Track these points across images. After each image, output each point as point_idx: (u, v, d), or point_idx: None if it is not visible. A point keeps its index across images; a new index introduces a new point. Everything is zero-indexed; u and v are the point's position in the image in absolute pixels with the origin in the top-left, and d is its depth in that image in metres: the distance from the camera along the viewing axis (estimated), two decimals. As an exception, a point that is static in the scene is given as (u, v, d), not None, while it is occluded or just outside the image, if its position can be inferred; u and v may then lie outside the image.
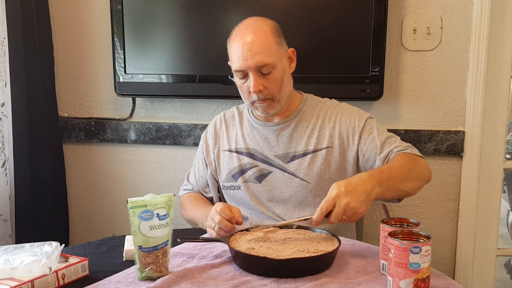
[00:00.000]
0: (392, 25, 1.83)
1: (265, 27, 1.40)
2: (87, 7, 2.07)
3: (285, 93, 1.45)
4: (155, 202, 1.05)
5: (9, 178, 1.87)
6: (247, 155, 1.52)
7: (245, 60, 1.37)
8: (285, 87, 1.44)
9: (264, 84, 1.39)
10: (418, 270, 0.92)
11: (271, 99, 1.42)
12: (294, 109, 1.52)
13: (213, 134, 1.61)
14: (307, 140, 1.48)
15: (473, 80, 1.80)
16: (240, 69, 1.39)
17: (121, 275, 1.08)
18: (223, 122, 1.62)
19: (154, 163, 2.13)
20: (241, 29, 1.42)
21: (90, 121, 2.13)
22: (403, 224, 1.09)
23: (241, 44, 1.38)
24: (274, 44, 1.39)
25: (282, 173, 1.48)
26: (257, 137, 1.53)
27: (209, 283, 1.03)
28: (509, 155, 2.03)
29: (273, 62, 1.38)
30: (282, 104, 1.46)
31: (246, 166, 1.52)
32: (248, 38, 1.38)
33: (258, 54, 1.36)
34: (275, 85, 1.41)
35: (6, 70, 1.84)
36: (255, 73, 1.38)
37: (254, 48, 1.36)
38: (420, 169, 1.39)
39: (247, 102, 1.48)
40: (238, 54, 1.38)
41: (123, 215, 2.15)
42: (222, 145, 1.58)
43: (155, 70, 1.96)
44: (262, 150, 1.51)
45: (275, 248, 1.12)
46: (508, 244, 3.17)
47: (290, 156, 1.48)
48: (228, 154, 1.56)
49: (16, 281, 0.99)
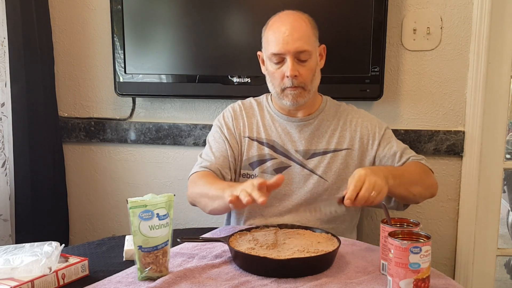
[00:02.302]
0: (392, 25, 1.83)
1: (304, 18, 1.46)
2: (87, 7, 2.07)
3: (315, 86, 1.49)
4: (155, 202, 1.05)
5: (9, 178, 1.87)
6: (268, 146, 1.53)
7: (285, 44, 1.40)
8: (316, 79, 1.49)
9: (299, 71, 1.42)
10: (418, 270, 0.92)
11: (302, 88, 1.45)
12: (317, 108, 1.56)
13: (233, 119, 1.58)
14: (329, 139, 1.52)
15: (473, 80, 1.80)
16: (278, 52, 1.42)
17: (121, 275, 1.08)
18: (242, 109, 1.60)
19: (154, 163, 2.13)
20: (281, 17, 1.46)
21: (90, 121, 2.13)
22: (403, 224, 1.09)
23: (282, 29, 1.42)
24: (312, 35, 1.45)
25: (301, 169, 1.51)
26: (279, 130, 1.54)
27: (209, 283, 1.03)
28: (509, 155, 2.03)
29: (310, 50, 1.43)
30: (310, 96, 1.48)
31: (266, 156, 1.52)
32: (289, 24, 1.42)
33: (299, 39, 1.40)
34: (309, 74, 1.44)
35: (6, 70, 1.83)
36: (293, 58, 1.41)
37: (296, 33, 1.40)
38: (430, 181, 1.49)
39: (276, 89, 1.47)
40: (278, 37, 1.41)
41: (123, 215, 2.15)
42: (243, 131, 1.56)
43: (155, 70, 1.96)
44: (283, 143, 1.53)
45: (275, 248, 1.12)
46: (508, 244, 3.17)
47: (310, 153, 1.51)
48: (249, 141, 1.55)
49: (16, 281, 0.99)
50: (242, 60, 1.87)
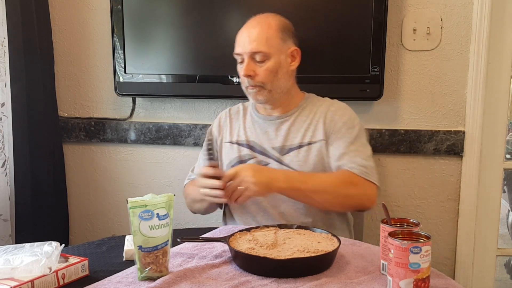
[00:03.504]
0: (392, 25, 1.83)
1: (271, 21, 1.50)
2: (87, 7, 2.08)
3: (279, 87, 1.51)
4: (155, 202, 1.05)
5: (9, 178, 1.87)
6: (247, 147, 1.57)
7: (243, 45, 1.48)
8: (279, 80, 1.50)
9: (255, 71, 1.47)
10: (418, 270, 0.92)
11: (261, 87, 1.49)
12: (295, 106, 1.58)
13: (218, 127, 1.67)
14: (304, 133, 1.53)
15: (473, 80, 1.80)
16: (238, 52, 1.51)
17: (121, 275, 1.08)
18: (227, 116, 1.67)
19: (154, 163, 2.13)
20: (250, 20, 1.53)
21: (90, 121, 2.13)
22: (403, 224, 1.09)
23: (245, 30, 1.51)
24: (274, 37, 1.48)
25: (278, 165, 1.52)
26: (257, 130, 1.58)
27: (209, 283, 1.03)
28: (509, 155, 2.03)
29: (267, 52, 1.46)
30: (274, 95, 1.51)
31: (245, 157, 1.56)
32: (251, 26, 1.50)
33: (254, 41, 1.46)
34: (267, 75, 1.47)
35: (6, 70, 1.84)
36: (249, 58, 1.47)
37: (253, 35, 1.47)
38: (350, 192, 1.41)
39: (243, 88, 1.55)
40: (239, 39, 1.51)
41: (123, 215, 2.15)
42: (224, 137, 1.64)
43: (155, 70, 1.96)
44: (261, 142, 1.56)
45: (275, 248, 1.12)
46: (508, 244, 3.17)
47: (286, 149, 1.53)
48: (229, 145, 1.61)
49: (16, 281, 0.98)
50: (242, 60, 1.87)
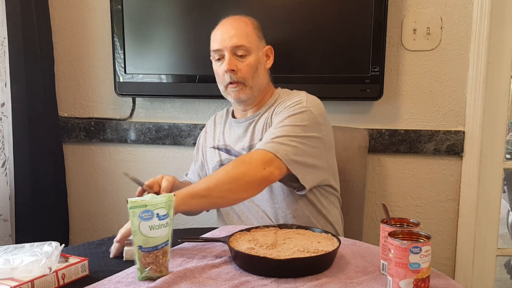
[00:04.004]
0: (392, 25, 1.83)
1: (246, 20, 1.53)
2: (87, 7, 2.08)
3: (258, 84, 1.52)
4: (155, 202, 1.05)
5: (9, 178, 1.87)
6: (225, 151, 1.60)
7: (223, 40, 1.48)
8: (259, 77, 1.51)
9: (237, 66, 1.47)
10: (418, 270, 0.92)
11: (243, 84, 1.49)
12: (264, 104, 1.57)
13: (204, 133, 1.71)
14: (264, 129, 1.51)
15: (473, 80, 1.80)
16: (217, 48, 1.49)
17: (121, 275, 1.08)
18: (213, 121, 1.70)
19: (154, 163, 2.13)
20: (224, 19, 1.55)
21: (90, 121, 2.13)
22: (403, 224, 1.09)
23: (221, 28, 1.52)
24: (252, 34, 1.50)
25: None
26: (232, 134, 1.60)
27: (209, 283, 1.03)
28: (509, 155, 2.03)
29: (249, 46, 1.48)
30: (254, 93, 1.51)
31: (225, 161, 1.58)
32: (228, 24, 1.52)
33: (235, 36, 1.47)
34: (248, 70, 1.48)
35: (6, 70, 1.84)
36: (230, 54, 1.47)
37: (233, 31, 1.48)
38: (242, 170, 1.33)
39: (221, 87, 1.54)
40: (217, 35, 1.51)
41: (123, 215, 2.15)
42: (208, 142, 1.67)
43: (155, 70, 1.96)
44: (234, 145, 1.58)
45: (275, 248, 1.12)
46: (508, 244, 3.16)
47: (253, 148, 1.50)
48: (212, 150, 1.64)
49: (16, 281, 0.98)
50: (242, 60, 1.87)
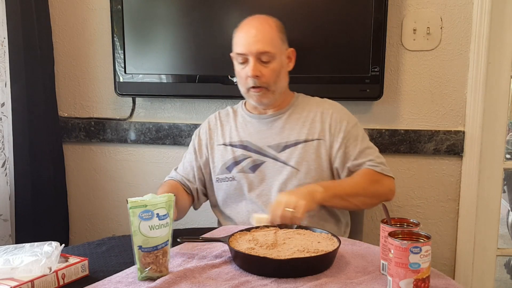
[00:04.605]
0: (392, 25, 1.83)
1: (271, 22, 1.51)
2: (87, 7, 2.08)
3: (280, 87, 1.53)
4: (155, 202, 1.05)
5: (9, 178, 1.87)
6: (241, 147, 1.57)
7: (248, 45, 1.47)
8: (281, 81, 1.53)
9: (262, 71, 1.47)
10: (418, 270, 0.92)
11: (266, 88, 1.50)
12: (287, 104, 1.59)
13: (207, 130, 1.66)
14: (299, 131, 1.54)
15: (473, 80, 1.80)
16: (242, 52, 1.48)
17: (121, 275, 1.08)
18: (217, 119, 1.67)
19: (154, 163, 2.13)
20: (249, 20, 1.53)
21: (90, 121, 2.13)
22: (403, 224, 1.09)
23: (247, 30, 1.50)
24: (277, 38, 1.50)
25: (274, 162, 1.53)
26: (250, 130, 1.58)
27: (209, 283, 1.03)
28: (509, 155, 2.03)
29: (273, 52, 1.47)
30: (275, 96, 1.53)
31: (240, 157, 1.56)
32: (254, 26, 1.50)
33: (260, 41, 1.46)
34: (271, 75, 1.48)
35: (6, 70, 1.84)
36: (255, 59, 1.46)
37: (259, 35, 1.47)
38: (377, 189, 1.48)
39: (243, 89, 1.54)
40: (243, 39, 1.49)
41: (123, 215, 2.15)
42: (216, 140, 1.63)
43: (155, 70, 1.96)
44: (255, 141, 1.56)
45: (275, 248, 1.12)
46: (508, 244, 3.16)
47: (282, 146, 1.54)
48: (223, 147, 1.60)
49: (16, 281, 0.98)
50: (242, 60, 1.87)
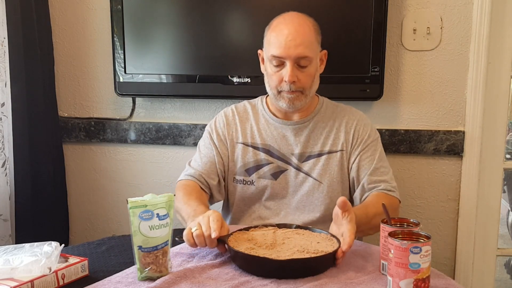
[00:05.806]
0: (392, 25, 1.83)
1: (309, 23, 1.43)
2: (87, 7, 2.08)
3: (313, 91, 1.48)
4: (155, 202, 1.05)
5: (9, 178, 1.87)
6: (263, 151, 1.52)
7: (287, 48, 1.37)
8: (315, 84, 1.47)
9: (298, 76, 1.41)
10: (418, 270, 0.92)
11: (300, 92, 1.43)
12: (312, 110, 1.54)
13: (225, 125, 1.57)
14: (324, 141, 1.50)
15: (473, 80, 1.80)
16: (279, 56, 1.39)
17: (121, 275, 1.08)
18: (235, 114, 1.59)
19: (154, 163, 2.13)
20: (286, 19, 1.43)
21: (90, 121, 2.13)
22: (403, 224, 1.09)
23: (285, 32, 1.39)
24: (315, 41, 1.43)
25: (296, 172, 1.50)
26: (274, 134, 1.53)
27: (209, 283, 1.03)
28: (509, 155, 2.03)
29: (311, 57, 1.41)
30: (307, 100, 1.47)
31: (262, 162, 1.52)
32: (293, 28, 1.39)
33: (301, 45, 1.37)
34: (308, 79, 1.43)
35: (6, 70, 1.84)
36: (293, 63, 1.39)
37: (299, 39, 1.38)
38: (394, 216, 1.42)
39: (273, 91, 1.46)
40: (280, 40, 1.38)
41: (123, 215, 2.15)
42: (235, 137, 1.55)
43: (155, 70, 1.96)
44: (279, 147, 1.52)
45: (274, 248, 1.12)
46: (508, 244, 3.16)
47: (306, 156, 1.50)
48: (243, 147, 1.54)
49: (16, 281, 0.99)
50: (242, 60, 1.87)
